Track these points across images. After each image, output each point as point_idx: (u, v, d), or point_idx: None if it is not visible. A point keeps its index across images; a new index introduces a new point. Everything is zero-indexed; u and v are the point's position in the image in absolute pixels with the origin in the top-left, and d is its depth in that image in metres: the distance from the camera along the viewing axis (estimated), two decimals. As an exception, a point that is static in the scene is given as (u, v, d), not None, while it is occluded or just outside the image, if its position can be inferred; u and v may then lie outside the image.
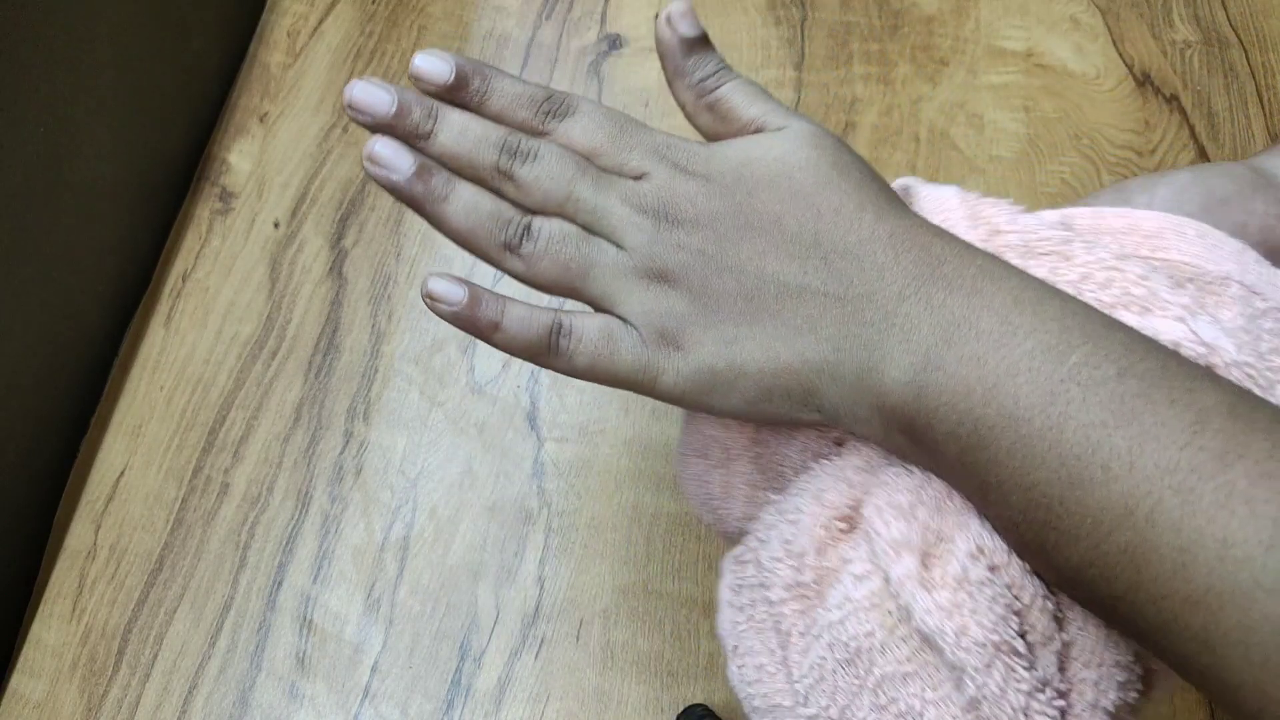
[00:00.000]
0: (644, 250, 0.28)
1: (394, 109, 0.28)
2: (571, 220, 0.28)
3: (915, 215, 0.27)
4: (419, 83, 0.29)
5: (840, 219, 0.27)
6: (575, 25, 0.58)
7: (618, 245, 0.28)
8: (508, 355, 0.49)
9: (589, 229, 0.28)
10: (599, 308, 0.28)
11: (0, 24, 0.40)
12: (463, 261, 0.51)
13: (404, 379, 0.49)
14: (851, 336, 0.26)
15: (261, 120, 0.56)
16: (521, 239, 0.28)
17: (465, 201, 0.28)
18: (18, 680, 0.43)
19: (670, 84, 0.31)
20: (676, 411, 0.47)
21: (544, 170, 0.28)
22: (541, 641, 0.43)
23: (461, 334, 0.49)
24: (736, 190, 0.28)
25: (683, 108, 0.31)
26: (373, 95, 0.28)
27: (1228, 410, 0.21)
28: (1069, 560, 0.22)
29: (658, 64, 0.56)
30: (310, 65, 0.57)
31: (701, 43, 0.31)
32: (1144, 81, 0.54)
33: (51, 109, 0.43)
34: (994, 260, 0.26)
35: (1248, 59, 0.55)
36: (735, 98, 0.30)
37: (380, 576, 0.44)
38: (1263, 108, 0.53)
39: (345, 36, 0.58)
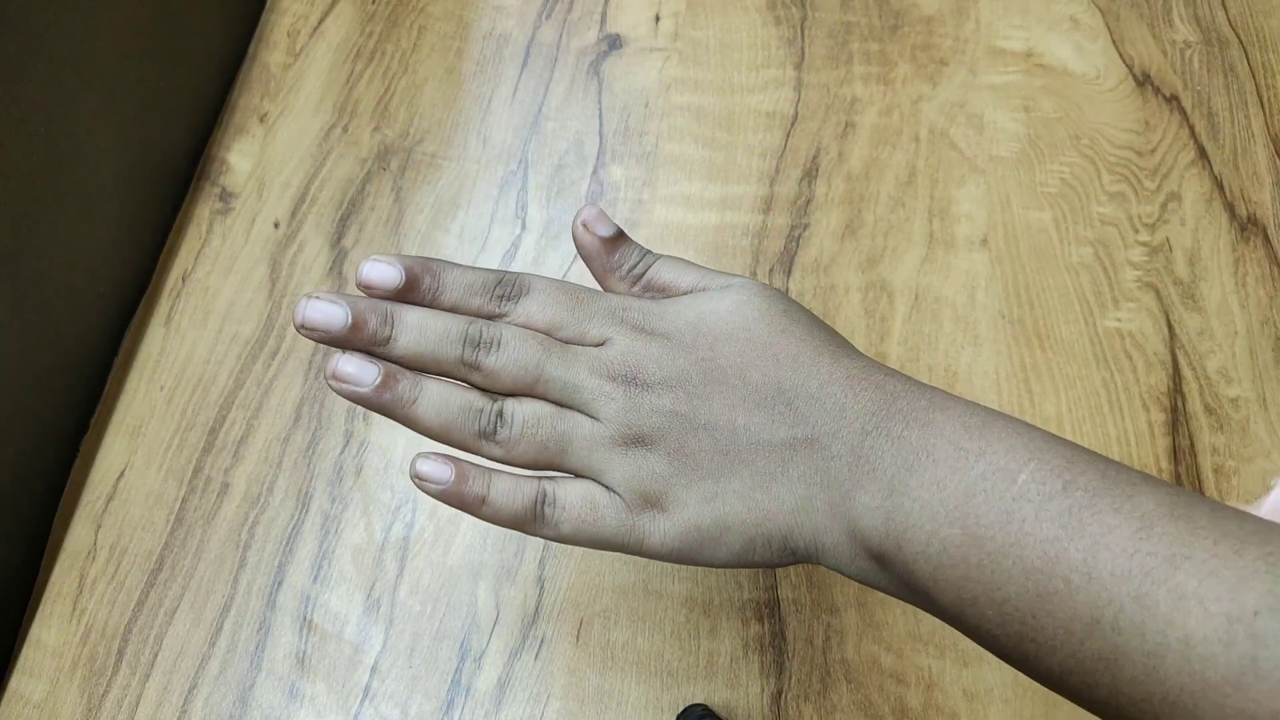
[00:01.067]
0: (618, 419, 0.29)
1: (349, 322, 0.28)
2: (543, 399, 0.29)
3: (863, 355, 0.29)
4: (370, 290, 0.29)
5: (799, 365, 0.28)
6: (575, 25, 0.58)
7: (592, 416, 0.29)
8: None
9: (561, 404, 0.29)
10: (581, 477, 0.29)
11: (1, 24, 0.39)
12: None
13: (404, 379, 0.48)
14: (820, 473, 0.27)
15: (261, 120, 0.56)
16: (496, 426, 0.29)
17: (434, 400, 0.29)
18: (18, 680, 0.43)
19: (602, 280, 0.33)
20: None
21: (509, 357, 0.29)
22: (541, 641, 0.43)
23: (461, 334, 0.49)
24: (698, 346, 0.29)
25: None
26: (326, 313, 0.28)
27: (1168, 512, 0.22)
28: (1050, 669, 0.23)
29: (658, 64, 0.57)
30: (310, 65, 0.57)
31: (620, 238, 0.32)
32: (1144, 81, 0.54)
33: (51, 109, 0.43)
34: (941, 393, 0.28)
35: (1248, 59, 0.55)
36: (668, 274, 0.32)
37: (380, 576, 0.44)
38: (1263, 108, 0.53)
39: (345, 36, 0.58)
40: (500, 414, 0.29)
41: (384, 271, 0.29)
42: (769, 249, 0.51)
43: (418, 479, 0.29)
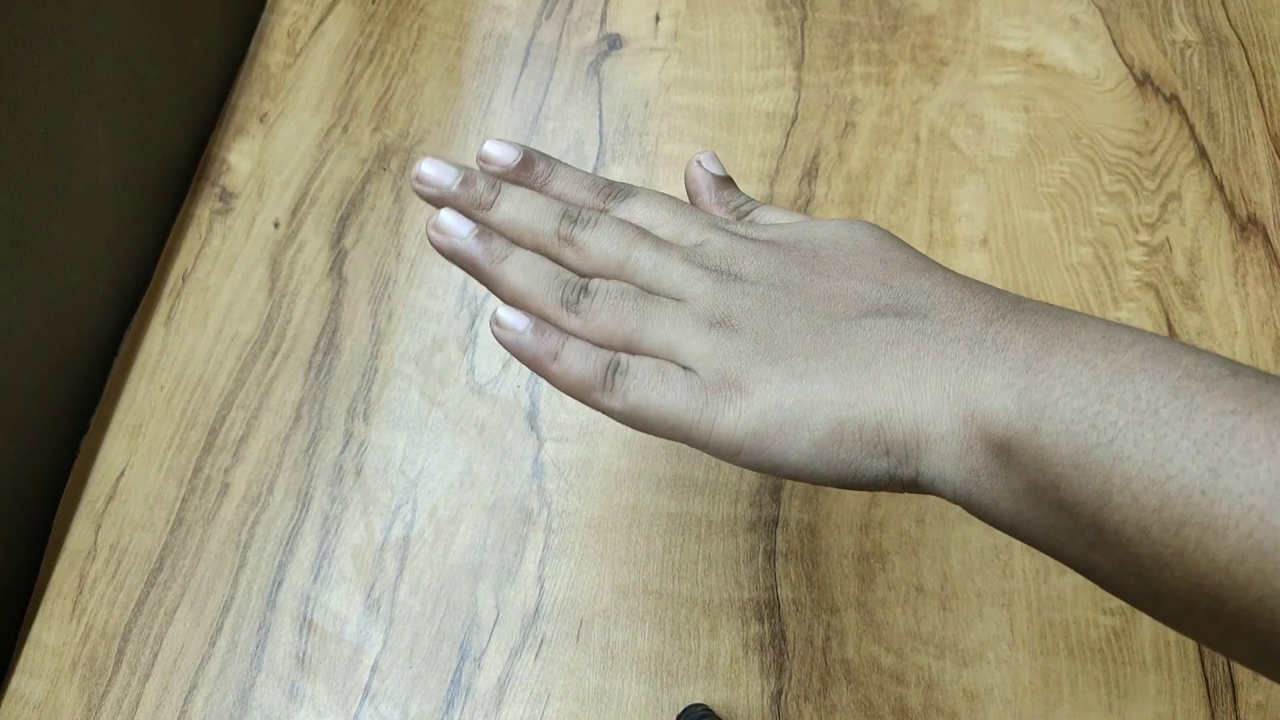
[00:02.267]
0: (705, 298, 0.27)
1: (459, 180, 0.29)
2: (631, 281, 0.29)
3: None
4: (486, 165, 0.30)
5: (910, 269, 0.27)
6: (575, 25, 0.58)
7: (677, 299, 0.28)
8: (508, 355, 0.49)
9: (649, 288, 0.28)
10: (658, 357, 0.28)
11: (0, 24, 0.39)
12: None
13: (404, 379, 0.49)
14: (934, 354, 0.25)
15: (261, 120, 0.56)
16: (579, 296, 0.28)
17: (523, 261, 0.29)
18: (18, 680, 0.43)
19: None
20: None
21: (604, 233, 0.29)
22: (541, 641, 0.43)
23: (462, 334, 0.49)
24: (799, 248, 0.28)
25: None
26: (440, 170, 0.30)
27: None
28: (1214, 559, 0.20)
29: (657, 64, 0.57)
30: (310, 65, 0.57)
31: (731, 181, 0.32)
32: (1144, 81, 0.54)
33: (51, 109, 0.43)
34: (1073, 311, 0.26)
35: (1248, 59, 0.55)
36: (772, 215, 0.31)
37: (380, 576, 0.44)
38: (1263, 108, 0.53)
39: (346, 36, 0.58)
40: (585, 286, 0.28)
41: (503, 150, 0.30)
42: (769, 249, 0.51)
43: (495, 325, 0.28)
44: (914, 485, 0.26)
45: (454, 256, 0.29)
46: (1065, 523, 0.23)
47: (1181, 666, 0.41)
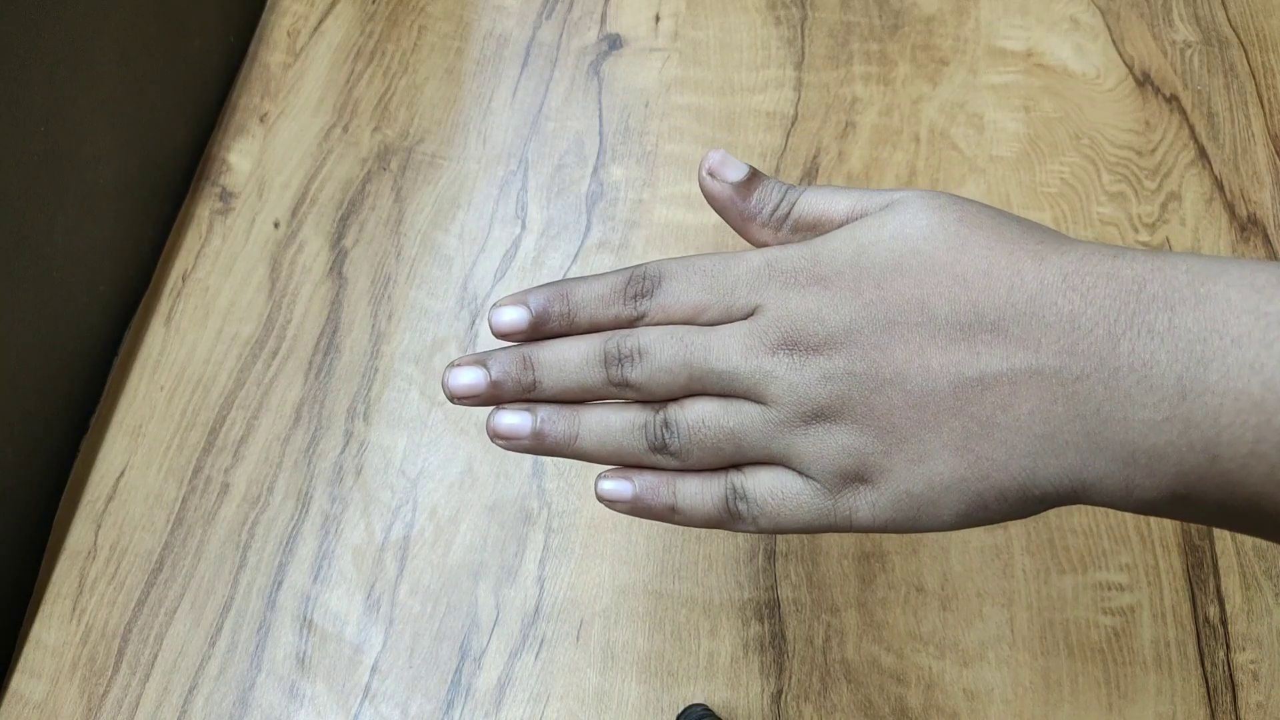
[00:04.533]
0: (789, 398, 0.25)
1: (493, 380, 0.28)
2: (705, 393, 0.27)
3: (1074, 241, 0.24)
4: (505, 338, 0.29)
5: (994, 280, 0.23)
6: (575, 25, 0.58)
7: (759, 402, 0.26)
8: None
9: (726, 394, 0.27)
10: (769, 465, 0.27)
11: (0, 24, 0.39)
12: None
13: (404, 379, 0.49)
14: (1063, 401, 0.22)
15: (262, 120, 0.56)
16: (664, 438, 0.27)
17: (595, 431, 0.28)
18: (18, 680, 0.43)
19: (743, 231, 0.29)
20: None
21: (654, 365, 0.27)
22: (541, 641, 0.43)
23: (462, 334, 0.49)
24: (863, 287, 0.25)
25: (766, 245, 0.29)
26: (469, 380, 0.28)
27: None
28: None
29: (657, 64, 0.57)
30: (311, 65, 0.57)
31: (754, 178, 0.29)
32: (1144, 81, 0.54)
33: (52, 109, 0.43)
34: (1195, 256, 0.22)
35: (1248, 59, 0.55)
36: (818, 205, 0.28)
37: (380, 576, 0.44)
38: (1263, 108, 0.53)
39: (346, 36, 0.58)
40: (665, 424, 0.27)
41: (513, 315, 0.28)
42: (769, 249, 0.51)
43: (604, 499, 0.28)
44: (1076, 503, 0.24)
45: (531, 452, 0.28)
46: (1270, 524, 0.21)
47: (1181, 666, 0.41)
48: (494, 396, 0.28)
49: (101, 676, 0.43)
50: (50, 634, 0.44)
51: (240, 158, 0.55)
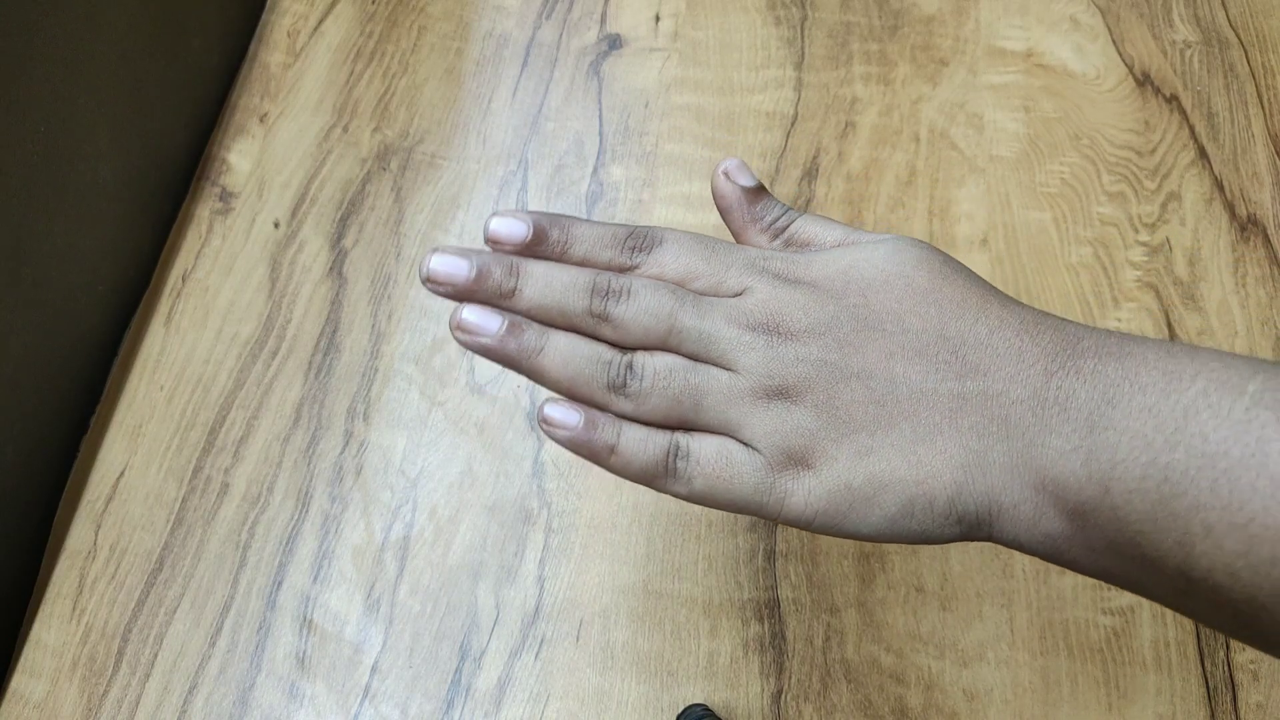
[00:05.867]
0: (759, 369, 0.26)
1: (474, 274, 0.27)
2: (676, 351, 0.27)
3: (1037, 309, 0.26)
4: (497, 245, 0.28)
5: (965, 310, 0.26)
6: (575, 25, 0.58)
7: (728, 369, 0.27)
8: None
9: (696, 357, 0.27)
10: (717, 434, 0.27)
11: (1, 23, 0.39)
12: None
13: (404, 379, 0.49)
14: (998, 421, 0.24)
15: (261, 120, 0.56)
16: (625, 378, 0.27)
17: (561, 351, 0.27)
18: (18, 680, 0.43)
19: (740, 234, 0.30)
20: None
21: (639, 306, 0.27)
22: (541, 641, 0.43)
23: (461, 334, 0.49)
24: (848, 293, 0.27)
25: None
26: (451, 265, 0.27)
27: None
28: None
29: (657, 65, 0.57)
30: (310, 65, 0.57)
31: (762, 190, 0.30)
32: (1144, 82, 0.55)
33: (51, 109, 0.43)
34: (1129, 334, 0.24)
35: (1248, 59, 0.55)
36: (812, 228, 0.29)
37: (380, 576, 0.44)
38: (1263, 108, 0.53)
39: (345, 36, 0.58)
40: (630, 365, 0.27)
41: (511, 226, 0.28)
42: (769, 249, 0.51)
43: (545, 424, 0.27)
44: (989, 540, 0.26)
45: (486, 354, 0.27)
46: (1151, 574, 0.23)
47: (1181, 667, 0.41)
48: (468, 291, 0.27)
49: (101, 676, 0.43)
50: (50, 634, 0.44)
51: (240, 158, 0.55)
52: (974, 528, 0.25)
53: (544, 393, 0.48)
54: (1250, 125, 0.53)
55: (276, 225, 0.53)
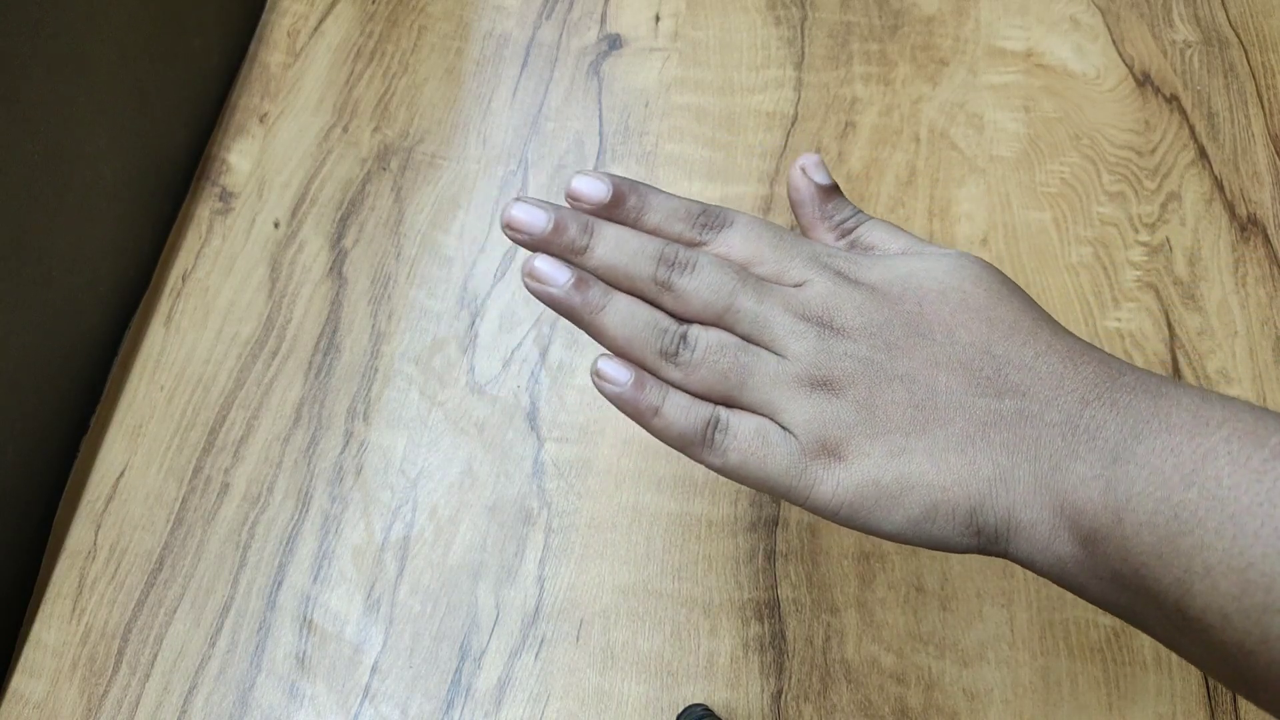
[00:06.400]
0: (808, 358, 0.27)
1: (550, 226, 0.28)
2: (730, 330, 0.28)
3: (1086, 341, 0.27)
4: (576, 203, 0.29)
5: (1016, 333, 0.27)
6: (575, 25, 0.58)
7: (778, 354, 0.28)
8: (508, 355, 0.49)
9: (749, 338, 0.28)
10: (758, 414, 0.28)
11: (1, 23, 0.39)
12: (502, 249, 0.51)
13: (404, 379, 0.49)
14: (1029, 441, 0.25)
15: (261, 120, 0.56)
16: (678, 347, 0.28)
17: (622, 311, 0.28)
18: (18, 680, 0.43)
19: (809, 229, 0.31)
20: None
21: (703, 281, 0.28)
22: (541, 641, 0.43)
23: (462, 334, 0.49)
24: (904, 299, 0.28)
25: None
26: (530, 214, 0.29)
27: None
28: None
29: (657, 64, 0.57)
30: (310, 65, 0.57)
31: (836, 190, 0.31)
32: (1144, 81, 0.55)
33: (52, 109, 0.43)
34: (1172, 379, 0.25)
35: (1248, 59, 0.55)
36: (878, 233, 0.31)
37: (380, 576, 0.44)
38: (1263, 108, 0.53)
39: (345, 36, 0.58)
40: (684, 336, 0.28)
41: (593, 185, 0.29)
42: (769, 249, 0.51)
43: (597, 376, 0.28)
44: (1003, 557, 0.26)
45: (552, 304, 0.28)
46: (1151, 608, 0.23)
47: (1181, 667, 0.41)
48: (544, 242, 0.29)
49: (101, 676, 0.43)
50: (50, 634, 0.44)
51: (240, 158, 0.55)
52: (991, 541, 0.26)
53: (544, 394, 0.48)
54: (1250, 125, 0.53)
55: (276, 225, 0.53)
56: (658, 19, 0.58)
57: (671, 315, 0.29)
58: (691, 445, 0.28)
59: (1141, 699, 0.41)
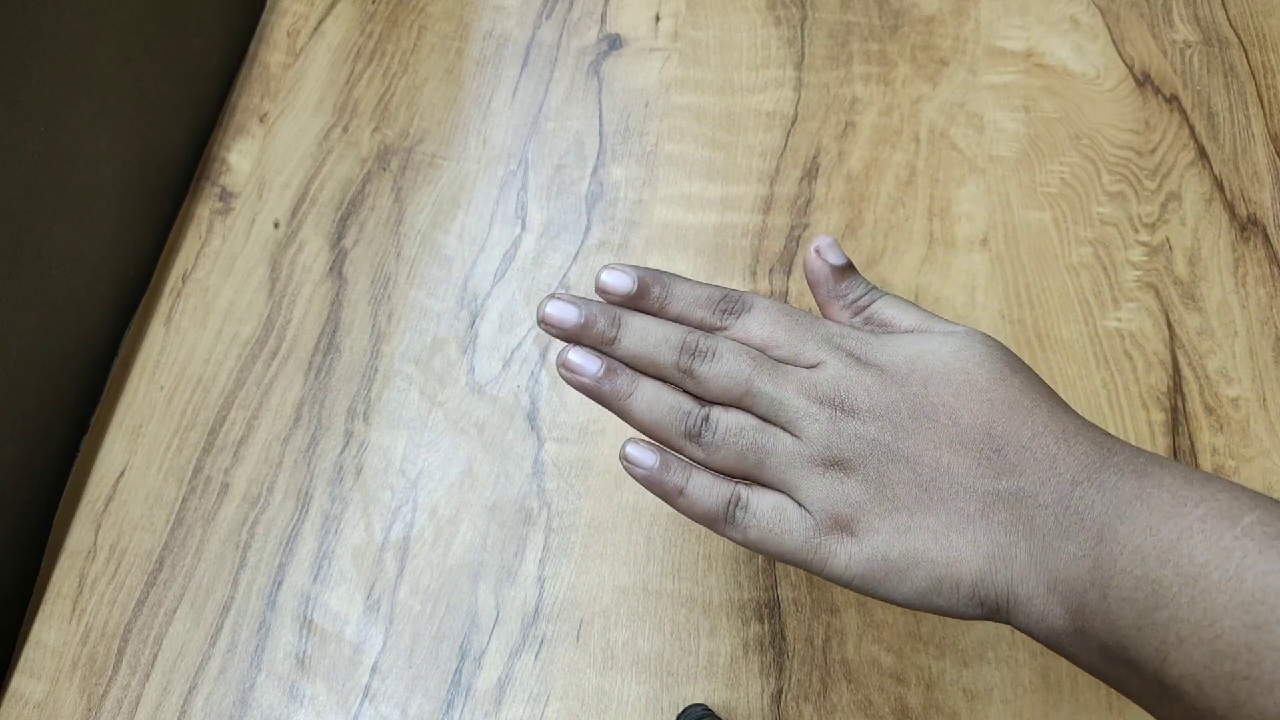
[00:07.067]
0: (821, 440, 0.29)
1: (581, 320, 0.31)
2: (750, 411, 0.30)
3: (1082, 418, 0.29)
4: (605, 295, 0.32)
5: (1015, 414, 0.28)
6: (575, 25, 0.58)
7: (794, 435, 0.30)
8: (508, 355, 0.50)
9: (767, 419, 0.30)
10: (776, 490, 0.30)
11: (0, 24, 0.40)
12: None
13: (404, 379, 0.49)
14: (1025, 521, 0.27)
15: (261, 120, 0.56)
16: (701, 429, 0.30)
17: (648, 397, 0.31)
18: (18, 680, 0.43)
19: (825, 307, 0.33)
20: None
21: (722, 368, 0.30)
22: (541, 641, 0.43)
23: (462, 334, 0.49)
24: (911, 381, 0.29)
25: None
26: (563, 311, 0.31)
27: None
28: (1265, 712, 0.22)
29: (657, 64, 0.57)
30: (310, 65, 0.57)
31: (850, 269, 0.33)
32: (1144, 81, 0.55)
33: (52, 109, 0.43)
34: (1160, 456, 0.27)
35: (1247, 59, 0.55)
36: (890, 311, 0.32)
37: (380, 576, 0.44)
38: (1263, 108, 0.53)
39: (345, 36, 0.58)
40: (706, 419, 0.30)
41: (619, 279, 0.32)
42: (769, 249, 0.51)
43: (625, 461, 0.31)
44: (1007, 624, 0.28)
45: (584, 392, 0.31)
46: (1135, 679, 0.25)
47: (1181, 666, 0.41)
48: (575, 335, 0.31)
49: (101, 676, 0.43)
50: (50, 634, 0.44)
51: (240, 158, 0.55)
52: (994, 611, 0.28)
53: (544, 394, 0.48)
54: (1250, 125, 0.53)
55: (276, 225, 0.53)
56: (658, 19, 0.58)
57: (694, 398, 0.31)
58: (715, 522, 0.30)
59: (1141, 699, 0.41)
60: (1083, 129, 0.53)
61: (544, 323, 0.31)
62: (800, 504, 0.29)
